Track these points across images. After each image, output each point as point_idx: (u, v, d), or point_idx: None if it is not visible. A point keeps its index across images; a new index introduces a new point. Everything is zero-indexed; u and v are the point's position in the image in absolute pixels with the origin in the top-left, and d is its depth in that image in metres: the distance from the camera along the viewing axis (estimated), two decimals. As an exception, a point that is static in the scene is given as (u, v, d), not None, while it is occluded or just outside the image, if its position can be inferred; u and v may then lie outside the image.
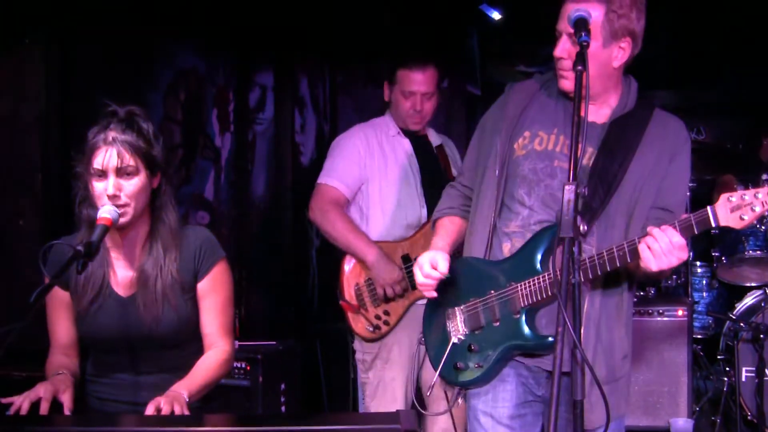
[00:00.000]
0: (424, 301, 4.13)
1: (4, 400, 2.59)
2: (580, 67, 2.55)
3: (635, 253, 2.59)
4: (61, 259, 2.82)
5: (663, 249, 2.53)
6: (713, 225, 2.55)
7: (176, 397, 2.64)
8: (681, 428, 5.00)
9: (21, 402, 2.59)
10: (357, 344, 4.33)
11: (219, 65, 5.86)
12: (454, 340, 2.99)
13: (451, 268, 2.96)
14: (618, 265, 2.64)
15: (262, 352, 4.50)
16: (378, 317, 4.15)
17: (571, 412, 2.39)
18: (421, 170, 4.33)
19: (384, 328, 4.17)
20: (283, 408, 4.58)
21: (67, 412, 2.65)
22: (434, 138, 4.52)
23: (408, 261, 4.20)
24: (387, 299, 4.16)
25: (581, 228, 2.53)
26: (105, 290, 2.88)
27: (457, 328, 2.99)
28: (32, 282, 4.41)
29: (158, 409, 2.55)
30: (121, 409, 2.88)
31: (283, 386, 4.62)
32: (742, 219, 2.51)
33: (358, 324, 4.18)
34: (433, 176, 4.36)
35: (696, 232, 2.58)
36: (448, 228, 3.19)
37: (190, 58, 5.59)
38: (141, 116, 2.84)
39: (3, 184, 4.44)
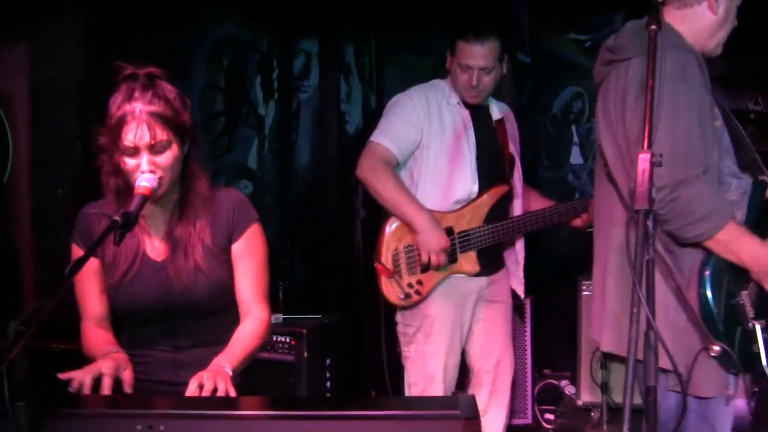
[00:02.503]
0: (461, 276, 4.08)
1: (63, 376, 2.44)
2: (654, 27, 2.36)
3: None
4: (92, 228, 2.72)
5: None
6: None
7: (219, 372, 2.52)
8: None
9: (83, 377, 2.45)
10: (399, 316, 4.20)
11: (262, 31, 5.72)
12: (758, 325, 2.87)
13: None
14: None
15: (307, 326, 4.36)
16: (410, 285, 4.01)
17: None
18: (478, 144, 4.15)
19: (415, 298, 4.03)
20: (327, 384, 4.46)
21: (128, 390, 2.51)
22: (495, 112, 4.31)
23: (451, 234, 4.04)
24: (424, 268, 4.00)
25: None
26: (139, 257, 2.76)
27: (751, 312, 2.86)
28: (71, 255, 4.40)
29: (200, 386, 2.42)
30: (160, 390, 2.74)
31: (328, 362, 4.48)
32: None
33: (390, 290, 4.03)
34: (489, 151, 4.18)
35: None
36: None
37: (233, 24, 5.47)
38: (163, 78, 2.66)
39: (41, 153, 4.36)
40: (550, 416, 5.47)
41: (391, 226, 4.02)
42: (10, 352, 1.82)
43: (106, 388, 2.45)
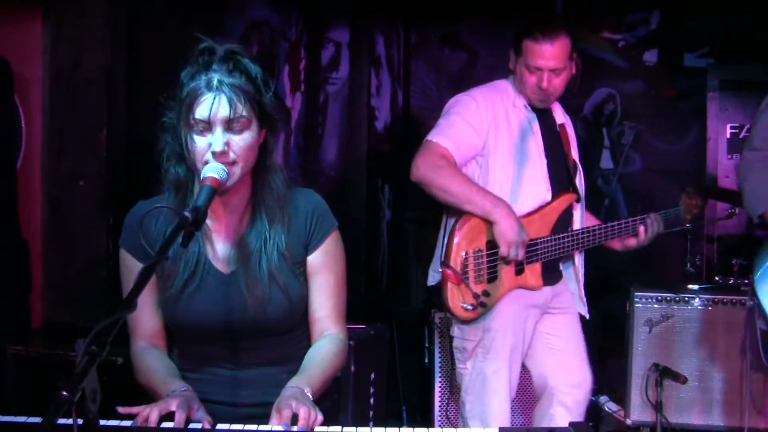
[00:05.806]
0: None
1: (123, 410, 2.08)
2: None
3: None
4: (151, 228, 2.37)
5: None
6: None
7: (303, 397, 2.20)
8: None
9: (148, 413, 2.08)
10: (456, 330, 3.82)
11: (291, 18, 5.38)
12: None
13: None
14: None
15: (353, 337, 3.96)
16: (476, 296, 3.62)
17: None
18: (546, 149, 3.82)
19: (480, 311, 3.65)
20: (371, 401, 4.09)
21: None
22: (559, 116, 3.98)
23: None
24: (492, 277, 3.64)
25: None
26: (203, 267, 2.39)
27: None
28: (91, 252, 4.05)
29: (293, 416, 2.09)
30: (217, 410, 2.36)
31: (372, 376, 4.12)
32: None
33: (455, 299, 3.62)
34: (557, 157, 3.87)
35: None
36: None
37: (262, 9, 5.14)
38: (245, 56, 2.31)
39: (62, 142, 4.01)
40: (585, 434, 5.15)
41: (462, 227, 3.66)
42: (81, 380, 1.45)
43: (179, 424, 2.08)
